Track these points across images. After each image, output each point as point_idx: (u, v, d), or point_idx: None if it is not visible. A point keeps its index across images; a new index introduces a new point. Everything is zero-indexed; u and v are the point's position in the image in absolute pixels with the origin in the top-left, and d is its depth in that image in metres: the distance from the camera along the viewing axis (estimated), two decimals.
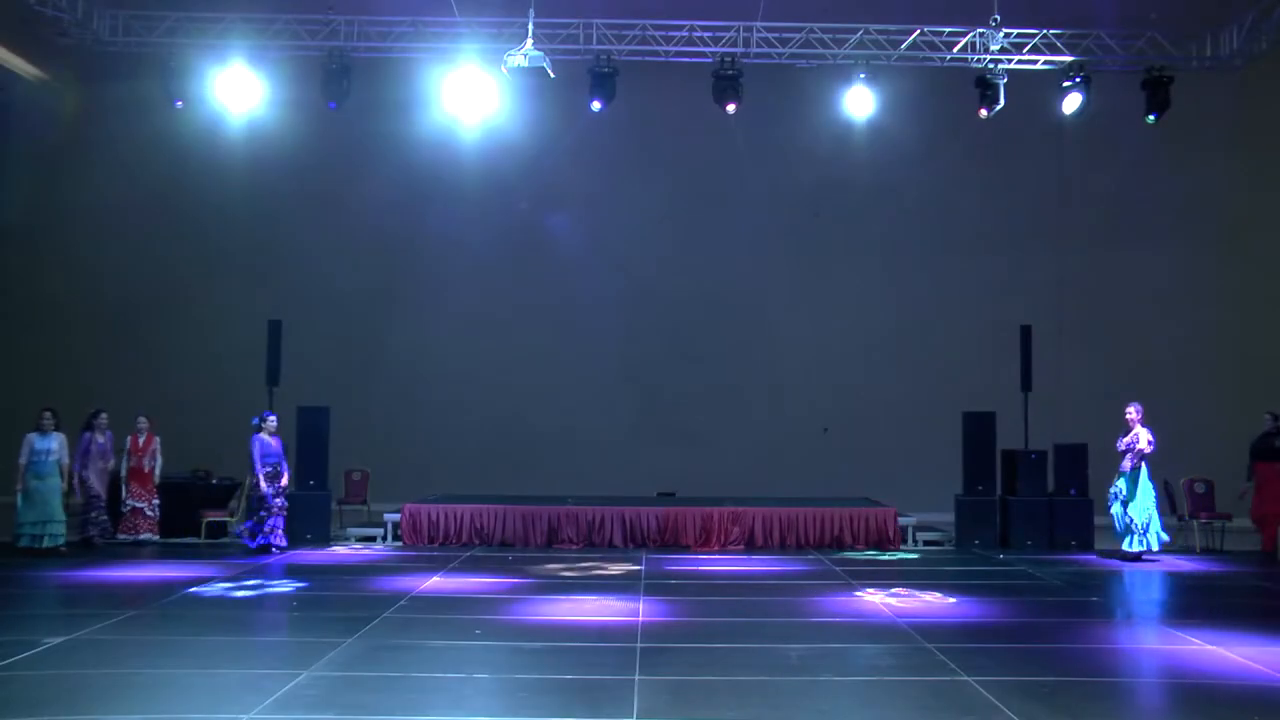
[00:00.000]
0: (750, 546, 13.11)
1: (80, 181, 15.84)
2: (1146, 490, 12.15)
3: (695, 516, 13.27)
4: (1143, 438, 12.09)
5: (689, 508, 13.41)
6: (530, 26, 12.40)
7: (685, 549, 12.99)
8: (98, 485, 12.84)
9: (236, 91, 13.88)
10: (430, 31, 13.95)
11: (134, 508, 13.19)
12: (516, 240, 16.30)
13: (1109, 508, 12.40)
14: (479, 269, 16.25)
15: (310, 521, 13.30)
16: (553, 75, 12.26)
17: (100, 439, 12.93)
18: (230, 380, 14.96)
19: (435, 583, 10.44)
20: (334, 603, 9.45)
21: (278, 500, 12.40)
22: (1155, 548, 12.12)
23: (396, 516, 13.37)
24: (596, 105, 13.93)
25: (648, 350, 16.18)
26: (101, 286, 15.93)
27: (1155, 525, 12.12)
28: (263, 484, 12.24)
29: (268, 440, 12.44)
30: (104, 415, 13.01)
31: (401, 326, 16.10)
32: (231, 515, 13.70)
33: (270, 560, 11.78)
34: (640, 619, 8.70)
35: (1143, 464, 12.13)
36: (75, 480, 12.57)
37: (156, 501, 13.37)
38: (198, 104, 14.19)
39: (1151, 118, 14.06)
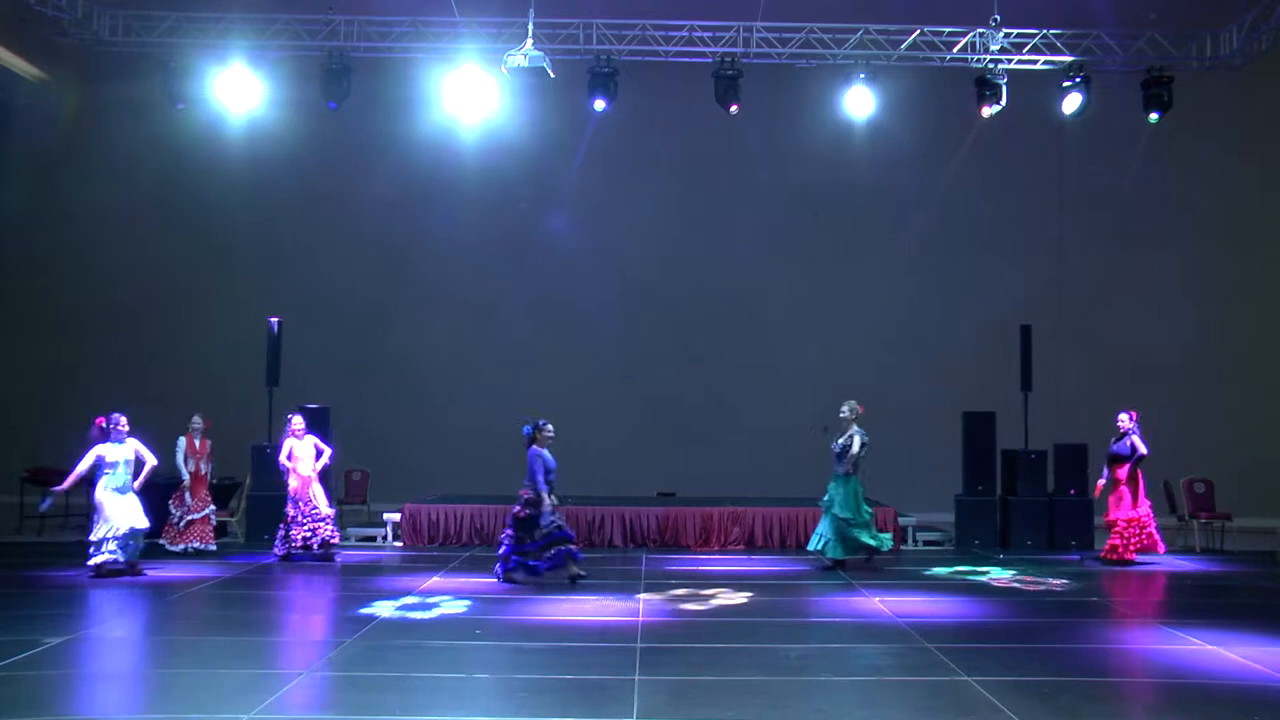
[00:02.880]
0: (750, 546, 13.11)
1: (80, 181, 15.85)
2: (858, 493, 11.54)
3: (695, 516, 13.27)
4: (857, 442, 11.47)
5: (689, 508, 13.40)
6: (530, 26, 12.41)
7: (685, 549, 12.99)
8: (310, 494, 11.83)
9: (236, 91, 13.90)
10: (430, 31, 13.95)
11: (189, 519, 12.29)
12: (516, 240, 16.30)
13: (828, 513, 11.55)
14: (479, 269, 16.25)
15: None
16: (553, 75, 12.26)
17: (308, 447, 11.86)
18: (230, 380, 14.96)
19: (435, 583, 10.44)
20: (335, 603, 9.45)
21: (557, 521, 10.57)
22: (886, 546, 11.56)
23: (396, 516, 13.37)
24: (600, 104, 13.93)
25: (648, 350, 16.17)
26: (101, 286, 15.93)
27: (872, 527, 11.56)
28: (547, 501, 10.44)
29: (547, 453, 10.71)
30: (298, 417, 11.94)
31: (401, 326, 16.10)
32: (232, 515, 13.69)
33: (263, 560, 11.77)
34: (640, 619, 8.70)
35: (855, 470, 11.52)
36: (288, 491, 11.78)
37: (213, 507, 12.64)
38: (198, 104, 14.20)
39: (1154, 117, 14.06)
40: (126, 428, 10.84)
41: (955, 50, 13.99)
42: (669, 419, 15.80)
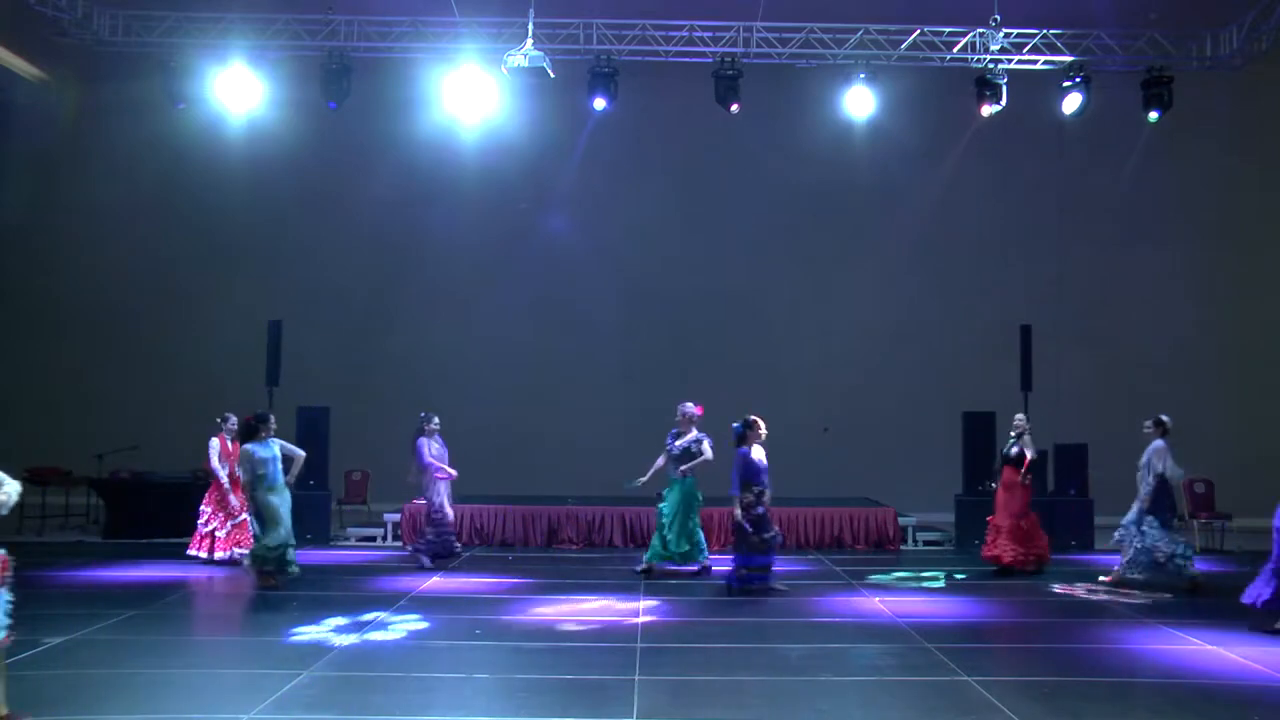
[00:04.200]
0: None
1: (80, 182, 15.84)
2: (695, 500, 10.93)
3: None
4: (708, 448, 10.90)
5: None
6: (530, 26, 12.41)
7: None
8: (447, 501, 11.60)
9: (236, 91, 13.89)
10: (430, 31, 13.94)
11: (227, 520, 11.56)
12: (516, 240, 16.28)
13: (660, 519, 10.98)
14: (479, 268, 16.24)
15: (310, 521, 13.31)
16: (553, 75, 12.25)
17: (436, 446, 11.47)
18: (230, 380, 14.95)
19: (435, 583, 10.45)
20: (335, 602, 9.44)
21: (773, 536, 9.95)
22: (703, 560, 10.89)
23: (396, 516, 13.38)
24: (600, 104, 13.90)
25: (648, 350, 16.16)
26: (101, 287, 15.92)
27: (699, 537, 10.97)
28: (739, 511, 9.79)
29: (756, 456, 9.96)
30: (436, 418, 11.60)
31: (401, 326, 16.09)
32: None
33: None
34: (640, 619, 8.70)
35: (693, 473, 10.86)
36: (427, 499, 11.51)
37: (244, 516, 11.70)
38: (198, 104, 14.19)
39: (1154, 115, 14.03)
40: (275, 427, 10.42)
41: (955, 50, 13.99)
42: (669, 419, 15.74)
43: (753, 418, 10.03)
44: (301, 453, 10.62)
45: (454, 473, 11.77)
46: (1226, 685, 6.88)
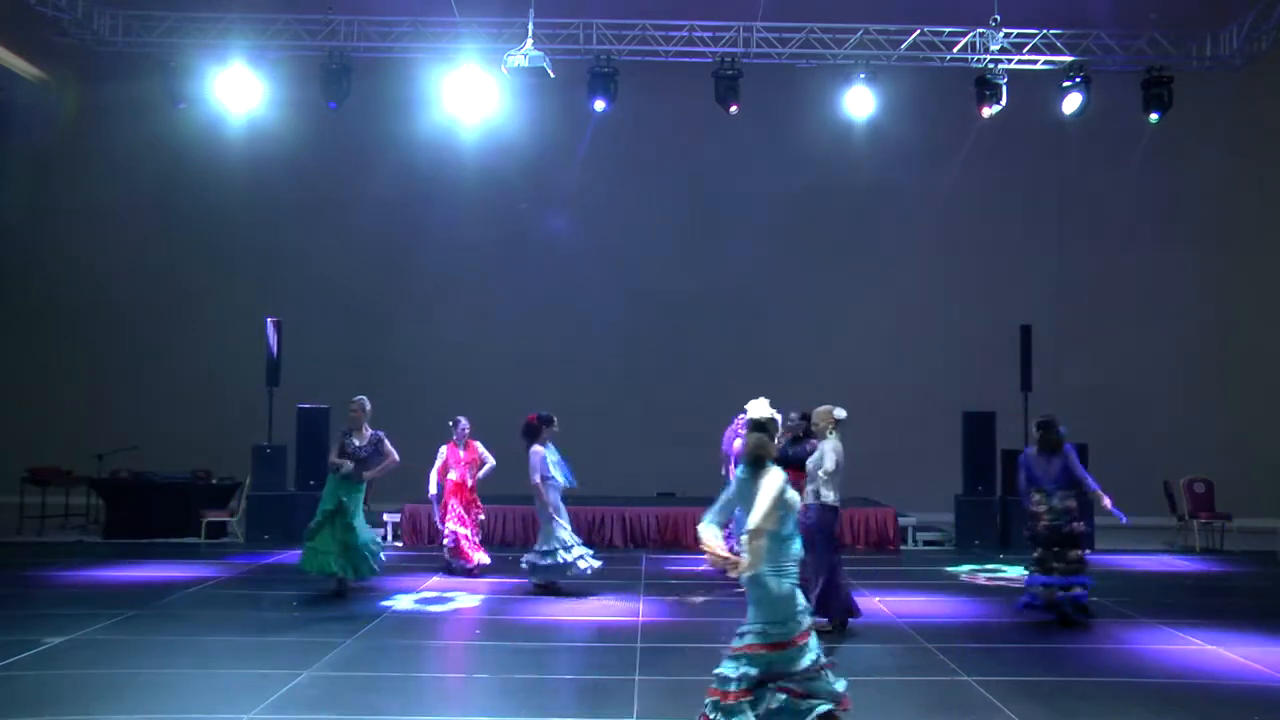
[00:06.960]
0: None
1: (80, 182, 15.83)
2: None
3: (695, 516, 13.20)
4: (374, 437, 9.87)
5: (689, 508, 13.39)
6: (530, 26, 12.41)
7: (685, 549, 12.98)
8: None
9: (236, 91, 13.89)
10: (430, 31, 13.94)
11: (454, 531, 10.96)
12: (516, 240, 16.29)
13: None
14: (479, 268, 16.24)
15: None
16: (553, 75, 12.26)
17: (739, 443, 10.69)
18: (230, 380, 14.96)
19: (435, 583, 10.45)
20: (334, 603, 9.44)
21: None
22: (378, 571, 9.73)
23: (396, 516, 13.37)
24: (600, 104, 13.90)
25: (648, 350, 16.16)
26: (101, 287, 15.91)
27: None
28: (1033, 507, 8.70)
29: (1032, 458, 8.94)
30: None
31: (401, 327, 16.08)
32: (232, 515, 13.68)
33: (263, 561, 11.77)
34: (640, 619, 8.70)
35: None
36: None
37: (482, 517, 11.37)
38: (198, 104, 14.19)
39: (1154, 117, 14.03)
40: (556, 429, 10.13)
41: (955, 50, 13.99)
42: (669, 419, 15.76)
43: (1044, 416, 8.99)
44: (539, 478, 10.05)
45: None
46: (1226, 685, 6.88)
